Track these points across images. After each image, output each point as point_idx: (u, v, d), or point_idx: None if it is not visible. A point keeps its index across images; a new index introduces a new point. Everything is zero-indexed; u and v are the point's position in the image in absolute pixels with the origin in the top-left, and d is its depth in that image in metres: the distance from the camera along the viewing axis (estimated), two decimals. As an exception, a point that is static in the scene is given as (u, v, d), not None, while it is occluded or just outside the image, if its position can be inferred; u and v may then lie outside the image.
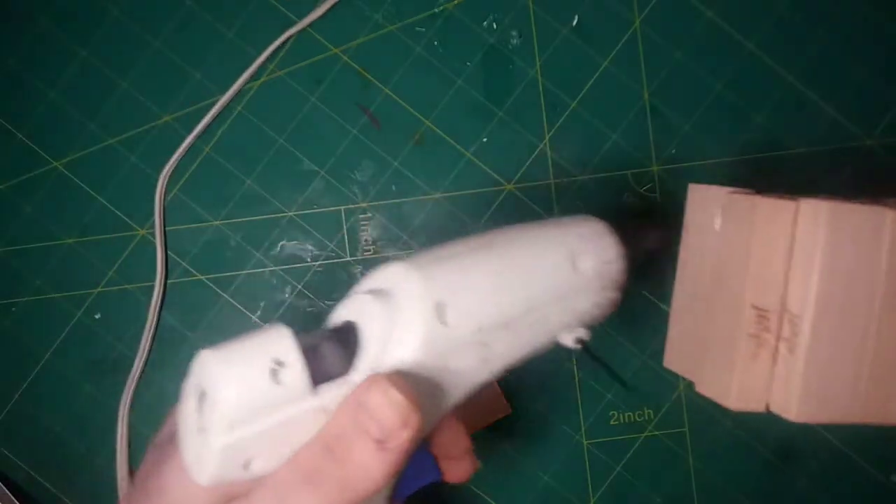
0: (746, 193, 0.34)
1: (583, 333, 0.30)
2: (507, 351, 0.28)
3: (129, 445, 0.45)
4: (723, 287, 0.34)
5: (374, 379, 0.24)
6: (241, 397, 0.22)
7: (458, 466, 0.32)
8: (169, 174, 0.45)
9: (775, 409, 0.32)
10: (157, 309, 0.45)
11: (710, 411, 0.45)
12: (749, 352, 0.32)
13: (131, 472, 0.45)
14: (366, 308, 0.26)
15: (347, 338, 0.26)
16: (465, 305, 0.26)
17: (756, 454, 0.45)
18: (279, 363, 0.23)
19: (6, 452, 0.45)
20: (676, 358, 0.38)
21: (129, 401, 0.45)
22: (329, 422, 0.24)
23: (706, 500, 0.46)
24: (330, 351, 0.25)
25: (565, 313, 0.29)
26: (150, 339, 0.45)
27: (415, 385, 0.25)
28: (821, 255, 0.31)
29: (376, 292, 0.26)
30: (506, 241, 0.29)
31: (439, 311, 0.26)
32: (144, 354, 0.45)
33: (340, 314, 0.27)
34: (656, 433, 0.46)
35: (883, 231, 0.31)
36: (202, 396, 0.23)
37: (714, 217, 0.35)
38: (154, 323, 0.45)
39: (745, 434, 0.45)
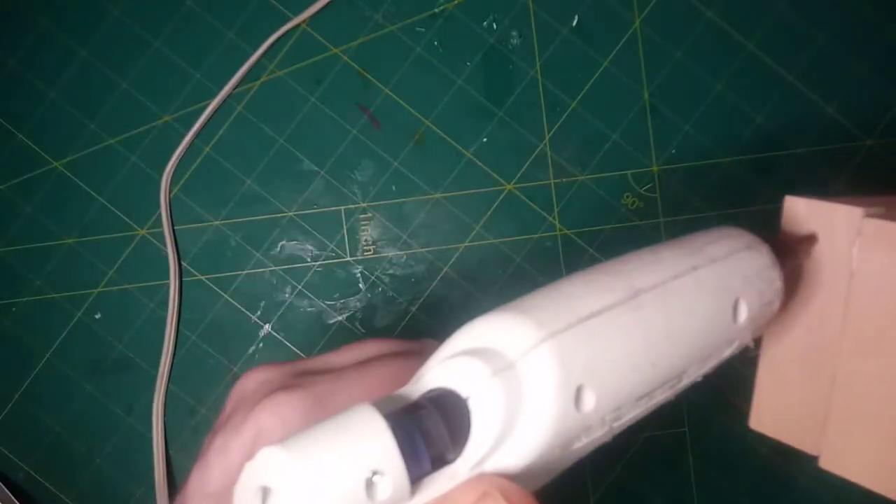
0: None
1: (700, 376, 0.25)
2: (637, 415, 0.23)
3: (167, 451, 0.45)
4: (874, 347, 0.27)
5: (485, 493, 0.20)
6: None
7: None
8: (171, 174, 0.45)
9: None
10: (177, 307, 0.45)
11: (710, 411, 0.45)
12: None
13: (169, 475, 0.45)
14: (481, 383, 0.21)
15: (453, 414, 0.21)
16: (607, 387, 0.21)
17: (756, 454, 0.45)
18: (376, 472, 0.19)
19: (6, 452, 0.45)
20: (770, 419, 0.31)
21: (161, 405, 0.45)
22: None
23: (706, 500, 0.46)
24: (433, 432, 0.20)
25: (705, 368, 0.24)
26: (172, 339, 0.45)
27: (529, 479, 0.21)
28: None
29: (490, 358, 0.21)
30: (656, 295, 0.23)
31: (577, 396, 0.21)
32: (169, 357, 0.45)
33: (438, 375, 0.22)
34: (656, 433, 0.46)
35: None
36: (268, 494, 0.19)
37: (843, 249, 0.28)
38: (175, 323, 0.45)
39: (745, 434, 0.45)
